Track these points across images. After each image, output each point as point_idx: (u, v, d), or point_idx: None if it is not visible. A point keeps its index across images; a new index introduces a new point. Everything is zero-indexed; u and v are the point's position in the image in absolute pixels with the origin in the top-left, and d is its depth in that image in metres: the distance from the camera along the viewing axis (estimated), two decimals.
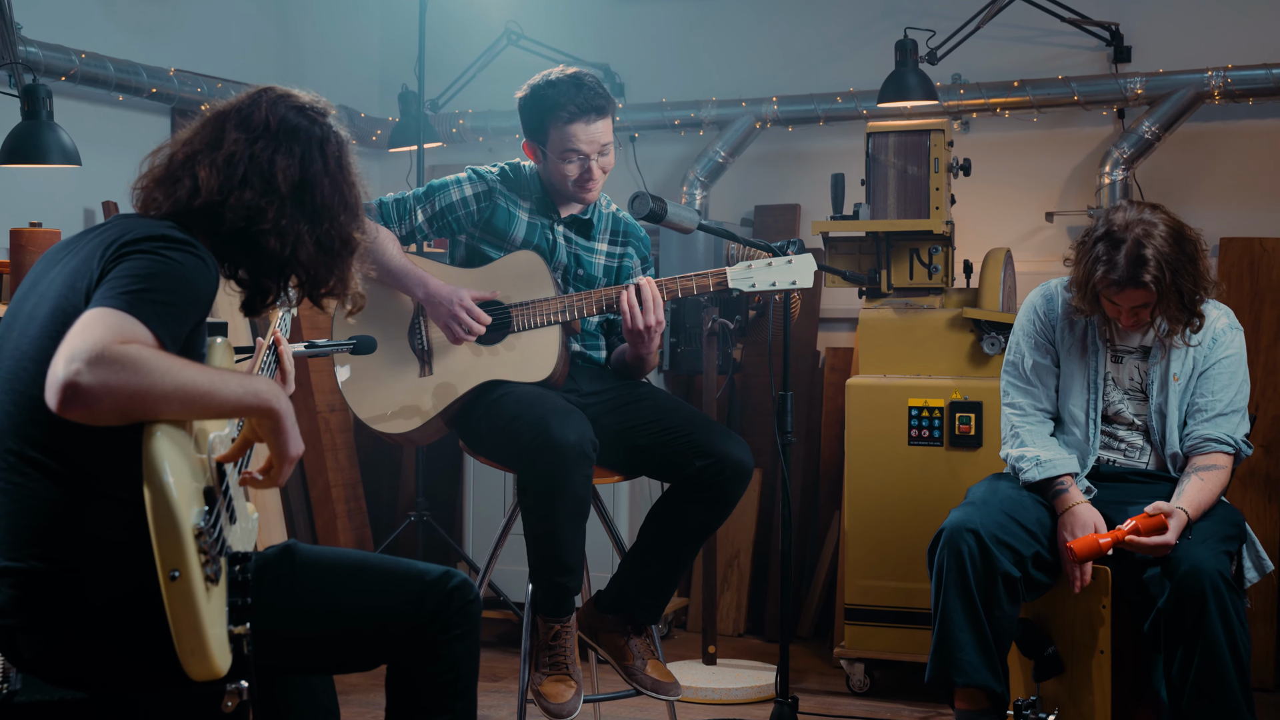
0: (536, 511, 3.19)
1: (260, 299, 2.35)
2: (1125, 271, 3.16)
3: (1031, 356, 3.45)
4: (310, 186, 2.29)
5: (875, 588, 4.23)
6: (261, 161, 2.26)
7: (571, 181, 3.42)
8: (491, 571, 3.59)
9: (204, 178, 2.24)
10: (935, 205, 4.27)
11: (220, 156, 2.25)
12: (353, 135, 5.31)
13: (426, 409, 3.42)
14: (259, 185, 2.25)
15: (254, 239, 2.26)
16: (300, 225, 2.28)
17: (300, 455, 2.17)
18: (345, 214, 2.36)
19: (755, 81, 5.29)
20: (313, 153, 2.31)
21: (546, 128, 3.41)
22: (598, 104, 3.40)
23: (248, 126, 2.27)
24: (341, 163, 2.36)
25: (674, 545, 3.38)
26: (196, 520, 1.97)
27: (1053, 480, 3.30)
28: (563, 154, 3.40)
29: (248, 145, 2.26)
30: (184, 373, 1.96)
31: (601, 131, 3.42)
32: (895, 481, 4.21)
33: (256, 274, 2.32)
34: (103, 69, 4.39)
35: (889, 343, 4.33)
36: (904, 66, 4.46)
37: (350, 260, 2.40)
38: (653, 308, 3.30)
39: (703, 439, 3.30)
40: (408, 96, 5.18)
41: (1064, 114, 4.90)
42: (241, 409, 2.08)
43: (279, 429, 2.12)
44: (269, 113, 2.29)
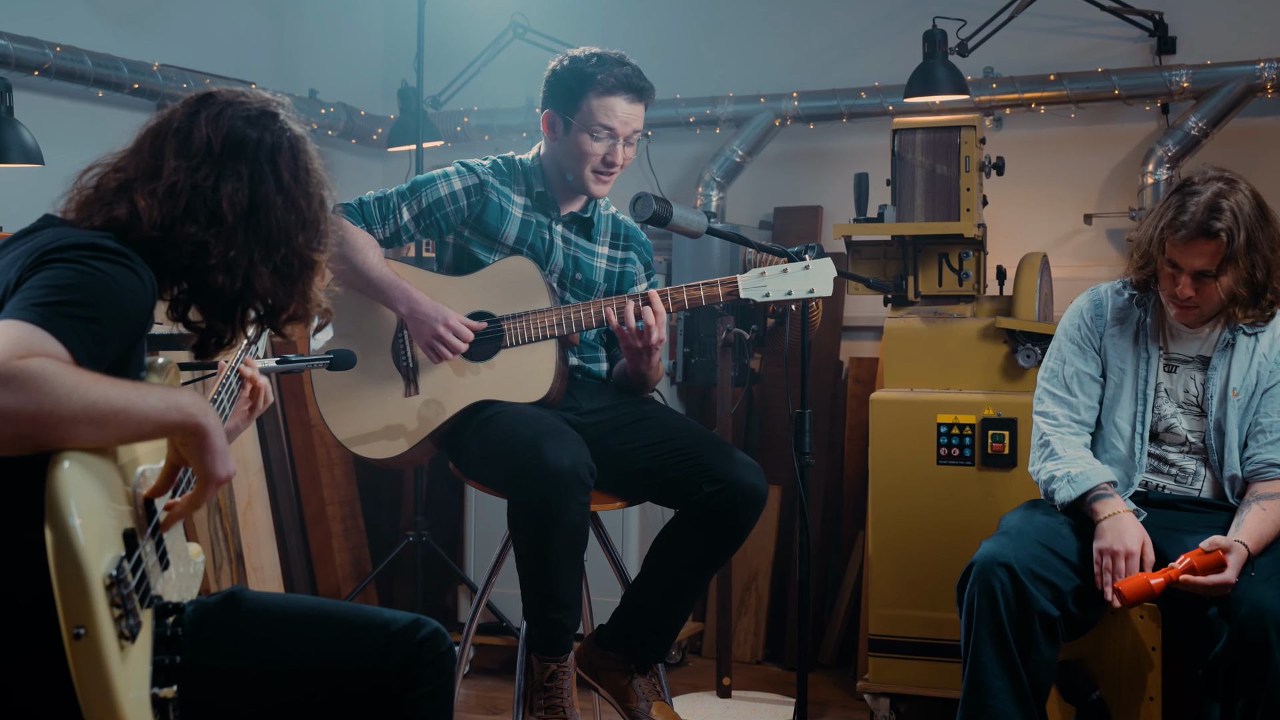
0: (529, 543, 2.93)
1: (214, 341, 2.10)
2: (1198, 215, 2.88)
3: (1074, 363, 3.17)
4: (261, 209, 2.05)
5: (901, 617, 3.94)
6: (205, 191, 2.02)
7: (592, 164, 3.18)
8: (490, 592, 3.33)
9: (144, 208, 1.99)
10: (966, 207, 3.99)
11: (160, 187, 2.01)
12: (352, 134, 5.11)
13: (413, 431, 3.16)
14: (203, 218, 2.02)
15: (200, 276, 2.02)
16: (253, 255, 2.05)
17: (230, 477, 1.90)
18: (304, 233, 2.11)
19: (774, 76, 5.03)
20: (262, 170, 2.06)
21: (583, 95, 3.17)
22: (640, 85, 3.20)
23: (188, 151, 2.02)
24: (297, 173, 2.10)
25: (681, 578, 3.12)
26: (108, 568, 1.70)
27: (1089, 493, 3.00)
28: (594, 128, 3.15)
29: (189, 174, 2.02)
30: (94, 389, 1.70)
31: (636, 115, 3.20)
32: (922, 504, 3.92)
33: (207, 314, 2.06)
34: (80, 63, 4.14)
35: (916, 354, 4.04)
36: (932, 59, 4.20)
37: (312, 280, 2.14)
38: (655, 324, 3.03)
39: (712, 462, 3.03)
40: (407, 92, 4.93)
41: (1104, 109, 4.62)
42: (164, 426, 1.81)
43: (205, 446, 1.86)
44: (210, 131, 2.03)
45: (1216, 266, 2.91)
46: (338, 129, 5.22)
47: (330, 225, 2.18)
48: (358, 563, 4.89)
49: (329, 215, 2.17)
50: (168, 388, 1.85)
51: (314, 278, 2.15)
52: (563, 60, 3.24)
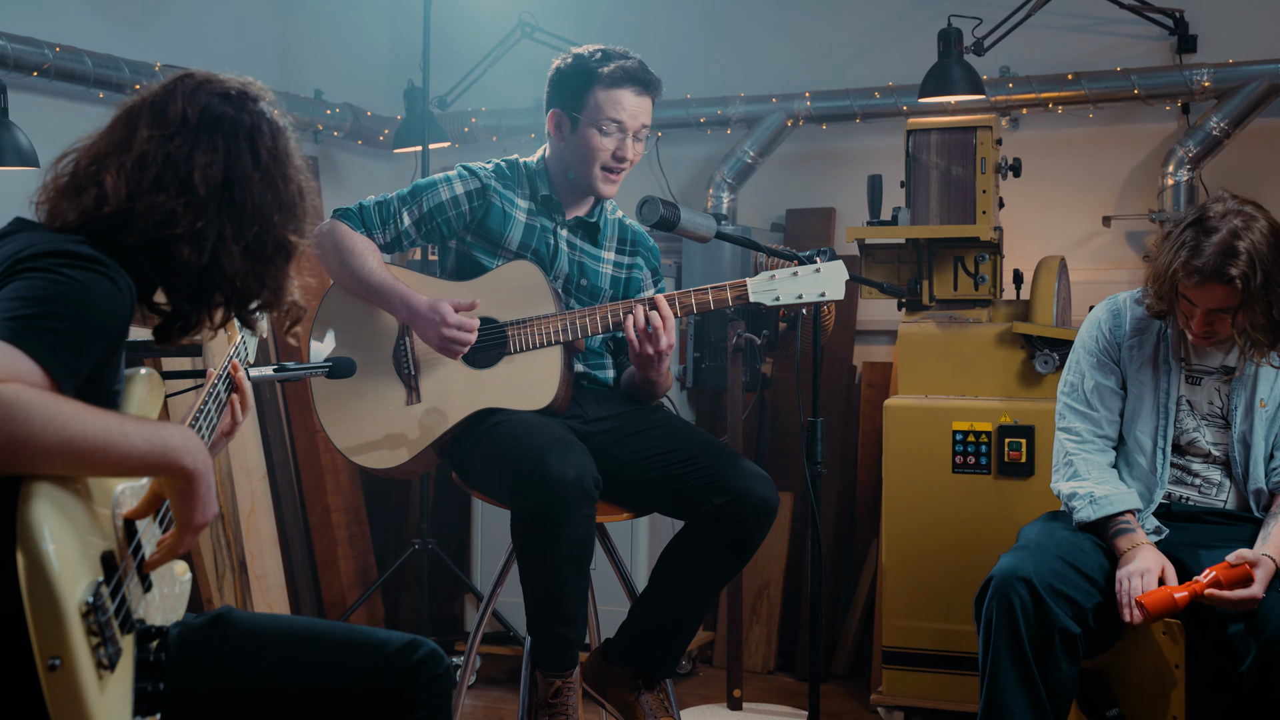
0: (532, 556, 2.85)
1: (179, 326, 2.01)
2: (1211, 260, 2.77)
3: (1093, 377, 3.07)
4: (236, 185, 1.97)
5: (915, 629, 3.86)
6: (177, 160, 1.93)
7: (601, 161, 3.11)
8: (495, 601, 3.25)
9: (110, 183, 1.91)
10: (982, 209, 3.90)
11: (130, 159, 1.92)
12: (359, 135, 5.04)
13: (414, 440, 3.08)
14: (173, 187, 1.92)
15: (165, 248, 1.92)
16: (223, 229, 1.95)
17: (208, 523, 1.82)
18: (280, 214, 2.03)
19: (786, 76, 4.94)
20: (239, 145, 1.98)
21: (589, 90, 3.10)
22: (647, 78, 3.13)
23: (161, 122, 1.94)
24: (276, 155, 2.02)
25: (689, 591, 3.03)
26: (85, 595, 1.63)
27: (1111, 519, 2.92)
28: (602, 122, 3.08)
29: (161, 144, 1.93)
30: (73, 422, 1.61)
31: (644, 109, 3.13)
32: (937, 513, 3.84)
33: (172, 293, 1.97)
34: (80, 63, 4.07)
35: (931, 360, 3.96)
36: (947, 58, 4.11)
37: (285, 267, 2.06)
38: (664, 330, 2.95)
39: (721, 473, 2.95)
40: (413, 93, 4.85)
41: (1123, 109, 4.52)
42: (146, 467, 1.73)
43: (189, 493, 1.78)
44: (186, 104, 1.95)
45: (1233, 307, 2.82)
46: (343, 130, 5.14)
47: (309, 215, 2.09)
48: (363, 570, 4.81)
49: (308, 206, 2.09)
50: (156, 424, 1.76)
51: (287, 265, 2.06)
52: (566, 58, 3.17)
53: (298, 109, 4.90)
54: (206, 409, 2.20)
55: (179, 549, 1.85)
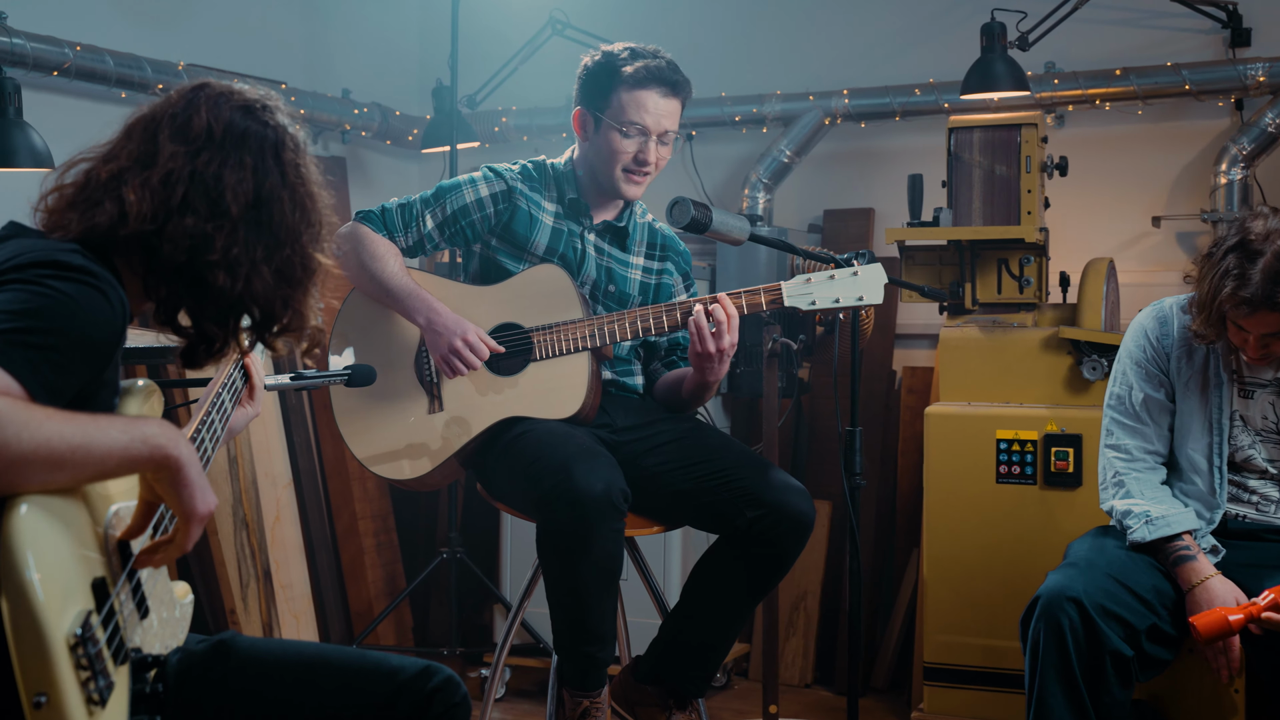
0: (559, 572, 2.74)
1: (205, 348, 1.92)
2: (1260, 289, 2.63)
3: (1141, 389, 2.93)
4: (266, 204, 1.88)
5: (958, 645, 3.73)
6: (206, 179, 1.84)
7: (622, 163, 3.00)
8: (524, 612, 3.14)
9: (133, 201, 1.81)
10: (1027, 210, 3.76)
11: (155, 175, 1.83)
12: (387, 135, 4.94)
13: (436, 450, 2.97)
14: (203, 208, 1.83)
15: (198, 274, 1.84)
16: (255, 253, 1.87)
17: (211, 512, 1.72)
18: (309, 232, 1.94)
19: (823, 73, 4.81)
20: (266, 162, 1.89)
21: (612, 89, 2.99)
22: (674, 79, 3.01)
23: (186, 136, 1.84)
24: (300, 172, 1.94)
25: (722, 608, 2.92)
26: (73, 626, 1.53)
27: (1168, 541, 2.78)
28: (624, 123, 2.97)
29: (188, 160, 1.83)
30: (47, 425, 1.52)
31: (670, 112, 3.01)
32: (981, 525, 3.70)
33: (200, 317, 1.88)
34: (101, 62, 3.99)
35: (974, 366, 3.82)
36: (991, 53, 3.97)
37: (310, 288, 1.97)
38: (727, 328, 2.83)
39: (756, 486, 2.83)
40: (441, 91, 4.75)
41: (1173, 105, 4.37)
42: (129, 462, 1.62)
43: (179, 480, 1.67)
44: (211, 117, 1.86)
45: None
46: (372, 130, 5.05)
47: (329, 232, 2.00)
48: (390, 580, 4.72)
49: (329, 222, 2.00)
50: (131, 418, 1.66)
51: (311, 286, 1.97)
52: (595, 55, 3.06)
53: (325, 108, 4.81)
54: (210, 420, 2.10)
55: (185, 544, 1.74)
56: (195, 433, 1.96)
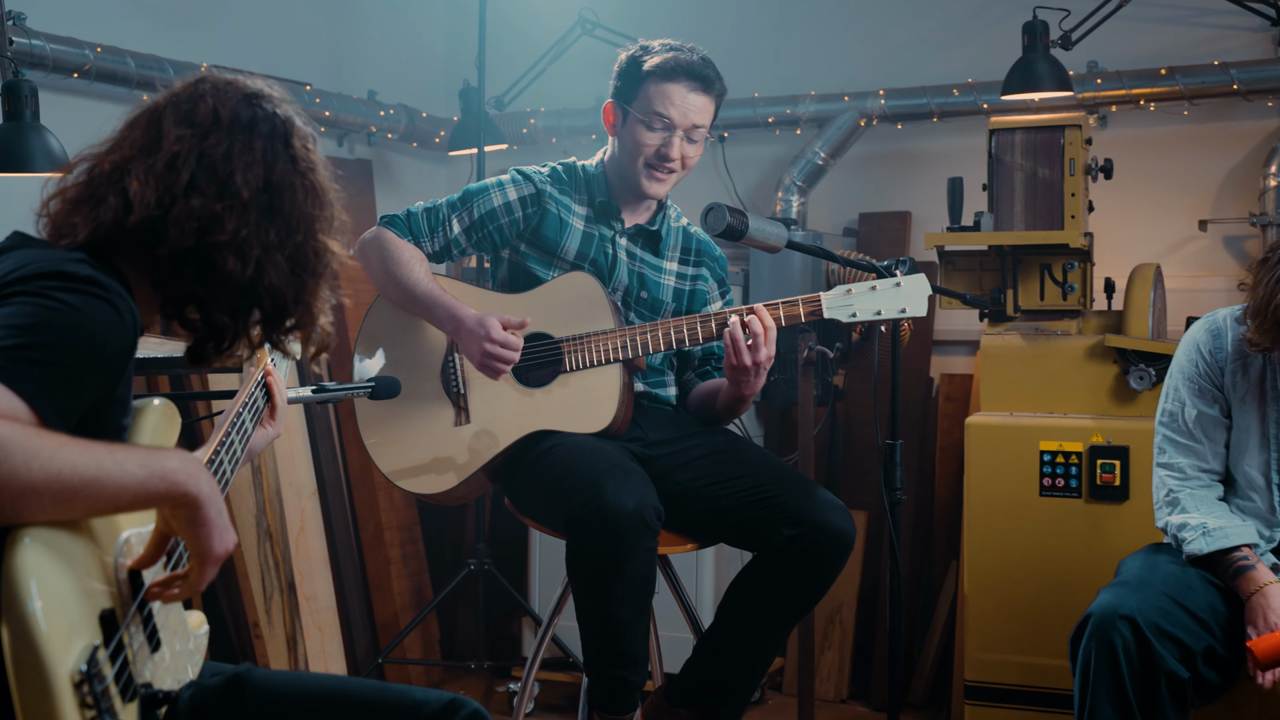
0: (590, 592, 2.64)
1: (215, 343, 1.83)
2: None
3: (1194, 406, 2.82)
4: (278, 189, 1.79)
5: (1000, 663, 3.62)
6: (214, 160, 1.75)
7: (645, 157, 2.90)
8: (555, 627, 3.04)
9: (136, 190, 1.72)
10: (1070, 214, 3.65)
11: (159, 160, 1.74)
12: (414, 137, 4.85)
13: (463, 464, 2.88)
14: (211, 189, 1.74)
15: (207, 258, 1.74)
16: (267, 237, 1.77)
17: (230, 552, 1.63)
18: (322, 219, 1.85)
19: (859, 73, 4.70)
20: (276, 147, 1.80)
21: (641, 82, 2.91)
22: (704, 75, 2.91)
23: (192, 120, 1.76)
24: (310, 161, 1.84)
25: (757, 629, 2.81)
26: (78, 662, 1.44)
27: (1227, 553, 2.67)
28: (649, 115, 2.88)
29: (195, 142, 1.75)
30: (59, 455, 1.43)
31: (698, 108, 2.91)
32: (1024, 539, 3.59)
33: (209, 308, 1.78)
34: (122, 64, 3.91)
35: (1016, 375, 3.71)
36: (1033, 53, 3.86)
37: (323, 280, 1.87)
38: (764, 340, 2.73)
39: (794, 502, 2.73)
40: (469, 93, 4.66)
41: (1220, 106, 4.25)
42: (145, 497, 1.54)
43: (198, 519, 1.58)
44: (217, 103, 1.77)
45: None
46: (398, 132, 4.96)
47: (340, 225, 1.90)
48: (417, 591, 4.63)
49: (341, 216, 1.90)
50: (150, 450, 1.57)
51: (324, 278, 1.88)
52: (630, 49, 2.97)
53: (350, 110, 4.73)
54: (229, 440, 2.01)
55: (199, 585, 1.66)
56: (214, 454, 1.87)
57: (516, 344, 2.81)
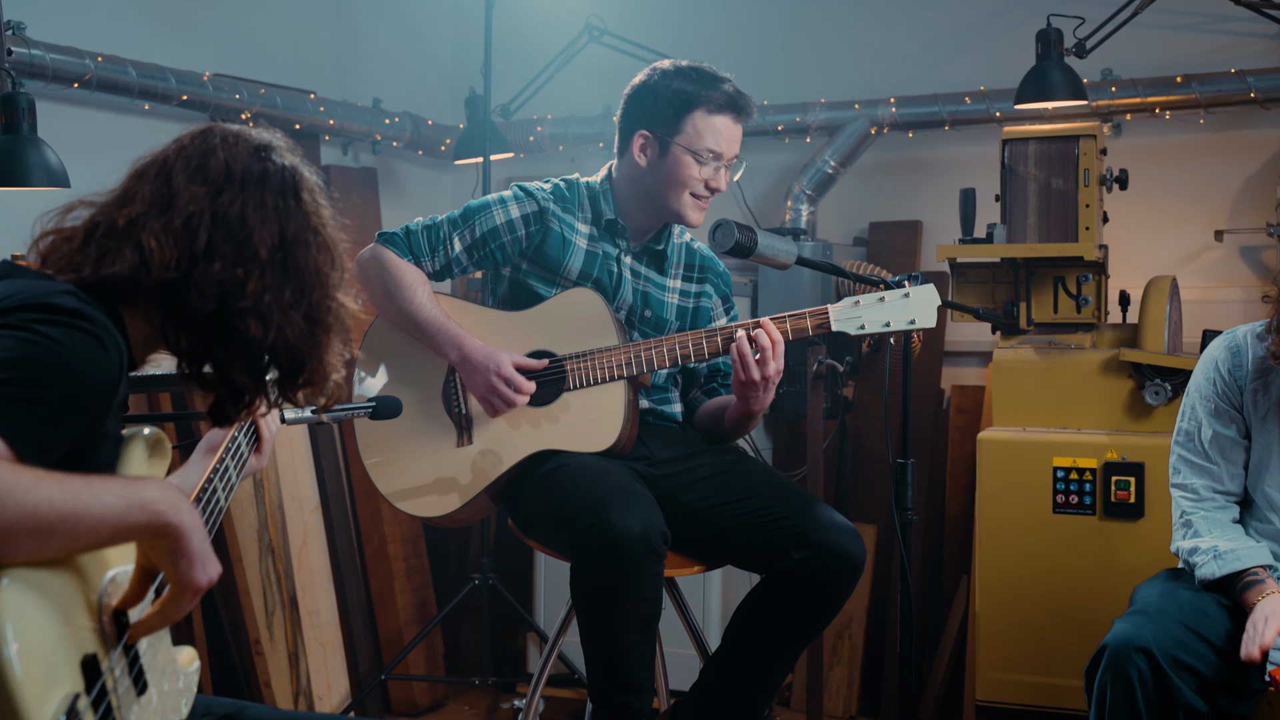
0: (594, 617, 2.59)
1: (234, 403, 1.79)
2: None
3: (1211, 426, 2.75)
4: (292, 246, 1.77)
5: (1012, 683, 3.55)
6: (230, 220, 1.72)
7: (693, 188, 2.85)
8: (561, 643, 2.98)
9: (154, 248, 1.68)
10: (1085, 225, 3.59)
11: (176, 219, 1.70)
12: (419, 145, 4.79)
13: (466, 485, 2.82)
14: (230, 252, 1.71)
15: (228, 323, 1.71)
16: (285, 297, 1.75)
17: (212, 583, 1.58)
18: (335, 274, 1.83)
19: (869, 80, 4.63)
20: (288, 203, 1.78)
21: (686, 114, 2.83)
22: (744, 105, 2.88)
23: (205, 176, 1.72)
24: (320, 212, 1.81)
25: (766, 652, 2.76)
26: (57, 713, 1.39)
27: (1238, 576, 2.61)
28: (698, 151, 2.82)
29: (209, 201, 1.71)
30: (35, 490, 1.39)
31: (739, 137, 2.88)
32: (1036, 557, 3.53)
33: (229, 370, 1.74)
34: (124, 74, 3.86)
35: (1029, 389, 3.65)
36: (1047, 61, 3.79)
37: (336, 335, 1.84)
38: (772, 355, 2.69)
39: (803, 524, 2.67)
40: (474, 101, 4.60)
41: (1237, 114, 4.18)
42: (125, 530, 1.49)
43: (179, 550, 1.54)
44: (228, 157, 1.74)
45: None
46: (403, 140, 4.91)
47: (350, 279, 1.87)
48: (421, 605, 4.57)
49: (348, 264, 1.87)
50: (129, 480, 1.52)
51: (337, 333, 1.85)
52: (653, 74, 2.89)
53: (355, 118, 4.68)
54: (224, 467, 1.96)
55: (176, 614, 1.60)
56: (207, 481, 1.82)
57: (524, 385, 2.76)
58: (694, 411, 3.04)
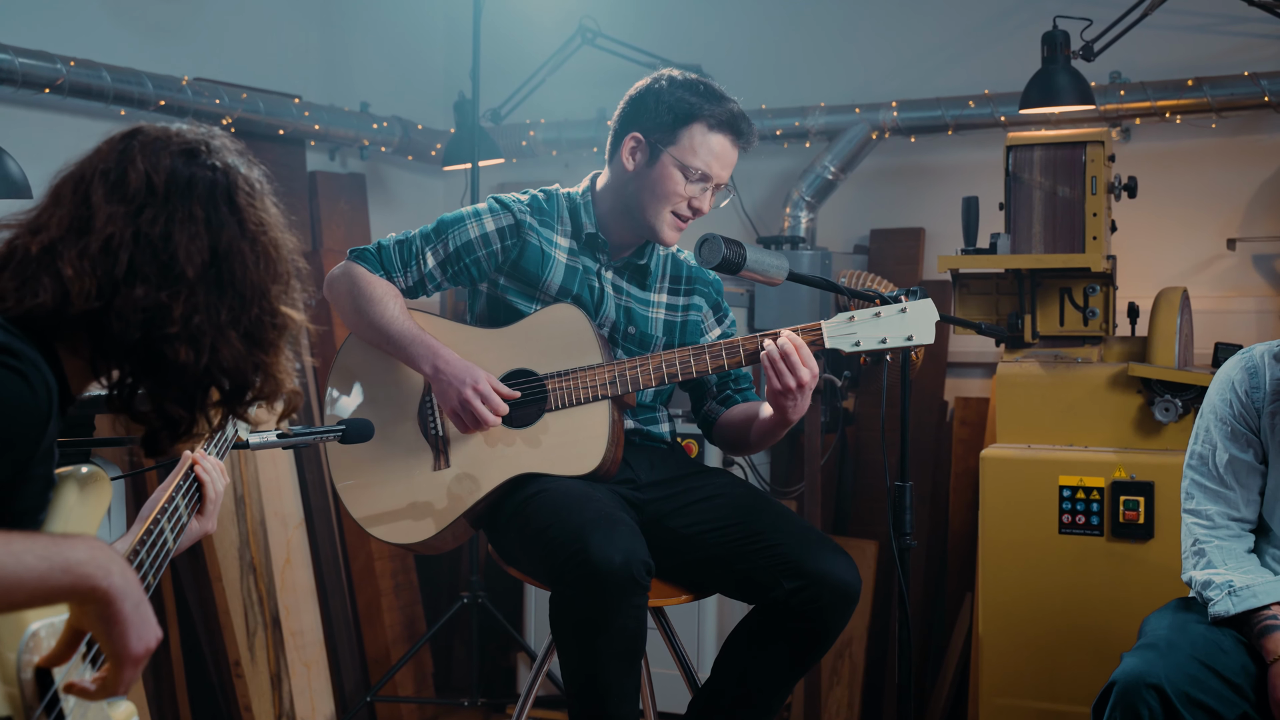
0: (574, 651, 2.47)
1: (169, 433, 1.66)
2: None
3: (1226, 450, 2.61)
4: (226, 260, 1.63)
5: (1017, 709, 3.43)
6: (153, 240, 1.59)
7: (674, 205, 2.72)
8: (550, 663, 2.85)
9: (72, 277, 1.55)
10: (1092, 235, 3.46)
11: (93, 243, 1.57)
12: (409, 150, 4.66)
13: (442, 510, 2.70)
14: (154, 275, 1.58)
15: (156, 351, 1.59)
16: (219, 317, 1.61)
17: (151, 651, 1.45)
18: (276, 286, 1.69)
19: (871, 84, 4.52)
20: (220, 212, 1.63)
21: (685, 125, 2.71)
22: (747, 131, 2.77)
23: (123, 193, 1.59)
24: (260, 217, 1.67)
25: (756, 687, 2.63)
26: None
27: (1254, 614, 2.47)
28: (687, 166, 2.70)
29: (129, 220, 1.58)
30: None
31: (732, 163, 2.77)
32: (1042, 579, 3.40)
33: (161, 398, 1.62)
34: (97, 78, 3.74)
35: (1034, 405, 3.52)
36: (1053, 64, 3.67)
37: (283, 348, 1.71)
38: (800, 360, 2.57)
39: (795, 552, 2.55)
40: (463, 105, 4.48)
41: (1250, 118, 4.05)
42: (47, 593, 1.37)
43: (111, 616, 1.42)
44: (149, 167, 1.60)
45: None
46: (392, 145, 4.78)
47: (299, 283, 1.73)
48: (410, 623, 4.45)
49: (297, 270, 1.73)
50: (55, 539, 1.40)
51: (284, 346, 1.72)
52: (659, 80, 2.76)
53: (341, 123, 4.55)
54: (174, 506, 1.84)
55: (117, 688, 1.48)
56: (138, 545, 1.69)
57: (499, 406, 2.63)
58: (712, 424, 2.91)
